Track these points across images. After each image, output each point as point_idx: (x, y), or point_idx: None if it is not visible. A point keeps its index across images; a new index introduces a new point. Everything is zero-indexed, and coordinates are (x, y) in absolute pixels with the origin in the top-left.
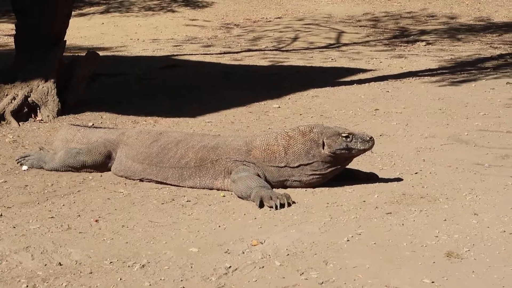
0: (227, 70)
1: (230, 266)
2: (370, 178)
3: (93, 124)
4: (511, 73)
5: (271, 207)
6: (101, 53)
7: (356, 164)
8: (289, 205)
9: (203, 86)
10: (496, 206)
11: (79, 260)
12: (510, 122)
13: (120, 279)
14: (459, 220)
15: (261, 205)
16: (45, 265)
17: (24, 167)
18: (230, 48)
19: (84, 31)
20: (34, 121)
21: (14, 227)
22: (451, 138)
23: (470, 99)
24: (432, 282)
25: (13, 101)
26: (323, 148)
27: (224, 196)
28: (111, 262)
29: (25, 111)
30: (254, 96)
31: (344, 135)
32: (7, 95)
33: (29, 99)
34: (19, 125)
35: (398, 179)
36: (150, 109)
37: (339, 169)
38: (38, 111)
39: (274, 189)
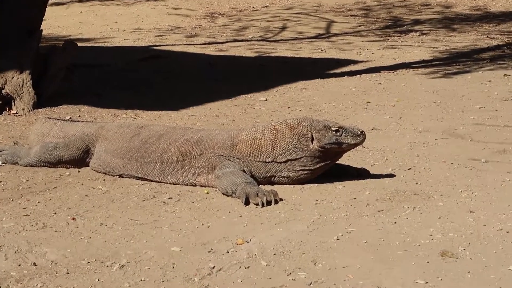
0: (212, 61)
1: (214, 266)
2: (361, 174)
3: (70, 118)
4: (509, 65)
5: (257, 204)
6: (79, 44)
7: (347, 159)
8: (276, 202)
9: (186, 78)
10: (493, 203)
11: (55, 260)
12: (508, 115)
13: (98, 280)
14: (454, 218)
15: (247, 203)
16: (19, 265)
17: None
18: (215, 38)
19: (61, 21)
20: (9, 114)
21: None
22: (446, 132)
23: (465, 92)
24: (426, 282)
25: None
26: (312, 143)
27: (208, 192)
28: (88, 262)
29: None
30: (240, 88)
31: (334, 128)
32: None
33: (3, 91)
34: None
35: (391, 175)
36: (130, 102)
37: (329, 164)
38: (13, 103)
39: (260, 185)
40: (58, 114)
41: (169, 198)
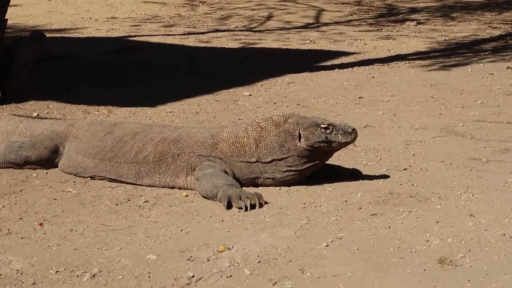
0: (192, 53)
1: (193, 276)
2: (353, 175)
3: (38, 115)
4: None
5: (240, 208)
6: (48, 34)
7: (337, 159)
8: (260, 205)
9: (164, 71)
10: (495, 206)
11: (21, 269)
12: (511, 111)
13: None
14: (453, 222)
15: (229, 206)
16: None
17: None
18: (195, 28)
19: (28, 9)
20: None
21: None
22: (445, 129)
23: (466, 86)
24: None
25: None
26: (300, 141)
27: (187, 195)
28: (57, 272)
29: None
30: (222, 82)
31: (323, 126)
32: None
33: None
34: None
35: (385, 176)
36: (103, 97)
37: (318, 164)
38: None
39: (244, 187)
40: (24, 110)
41: (145, 201)
